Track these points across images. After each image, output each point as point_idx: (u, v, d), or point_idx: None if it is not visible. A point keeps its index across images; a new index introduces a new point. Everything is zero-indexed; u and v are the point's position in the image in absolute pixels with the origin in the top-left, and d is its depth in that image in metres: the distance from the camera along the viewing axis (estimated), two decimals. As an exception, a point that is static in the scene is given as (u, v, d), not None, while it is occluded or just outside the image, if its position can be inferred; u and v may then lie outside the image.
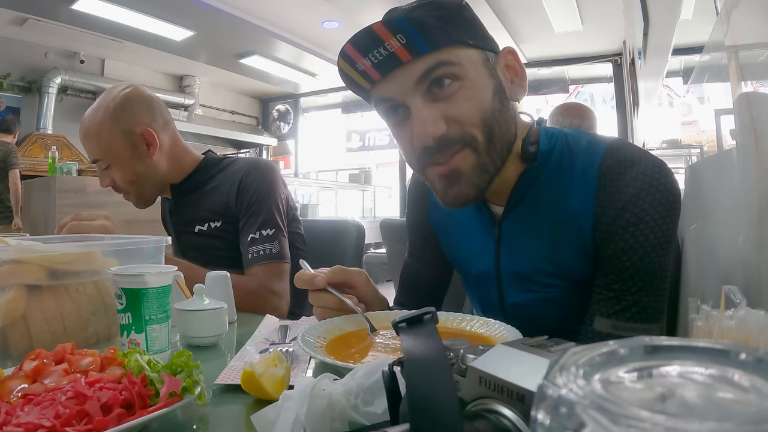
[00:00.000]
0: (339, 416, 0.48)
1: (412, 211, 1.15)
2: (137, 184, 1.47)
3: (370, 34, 0.74)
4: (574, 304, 0.90)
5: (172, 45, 5.97)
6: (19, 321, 0.79)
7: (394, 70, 0.78)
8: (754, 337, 0.51)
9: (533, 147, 0.87)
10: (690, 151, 5.98)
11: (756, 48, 1.31)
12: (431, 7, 0.80)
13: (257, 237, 1.40)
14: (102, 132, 1.40)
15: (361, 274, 0.98)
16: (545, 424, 0.22)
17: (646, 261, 0.80)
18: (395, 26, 0.72)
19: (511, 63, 0.86)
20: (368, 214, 8.53)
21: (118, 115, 1.41)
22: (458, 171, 0.81)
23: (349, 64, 0.79)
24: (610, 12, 4.95)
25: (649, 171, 0.81)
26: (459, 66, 0.78)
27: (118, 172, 1.44)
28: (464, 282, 1.11)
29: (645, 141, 6.02)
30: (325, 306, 0.91)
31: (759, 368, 0.22)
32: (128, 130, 1.41)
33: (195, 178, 1.53)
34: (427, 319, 0.48)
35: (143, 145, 1.43)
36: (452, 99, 0.79)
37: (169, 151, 1.50)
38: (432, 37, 0.75)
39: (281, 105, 8.95)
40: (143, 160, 1.44)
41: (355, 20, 5.32)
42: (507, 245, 0.93)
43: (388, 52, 0.75)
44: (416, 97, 0.79)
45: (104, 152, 1.42)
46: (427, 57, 0.76)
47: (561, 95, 7.40)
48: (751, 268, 1.01)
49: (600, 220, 0.83)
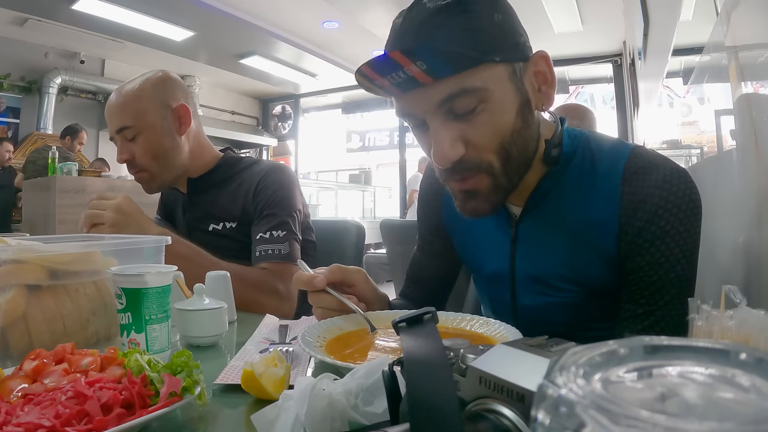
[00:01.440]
0: (339, 416, 0.48)
1: (424, 206, 1.14)
2: (159, 161, 1.44)
3: (388, 60, 0.70)
4: (587, 309, 0.89)
5: (173, 45, 5.97)
6: (19, 321, 0.79)
7: (413, 90, 0.76)
8: (754, 337, 0.51)
9: (556, 150, 0.85)
10: (690, 152, 5.98)
11: (756, 48, 1.31)
12: (458, 9, 0.74)
13: (267, 236, 1.39)
14: (141, 96, 1.41)
15: (359, 272, 0.97)
16: (545, 424, 0.22)
17: (672, 275, 0.80)
18: (414, 55, 0.69)
19: (542, 69, 0.82)
20: (368, 214, 8.53)
21: (158, 87, 1.44)
22: (475, 189, 0.81)
23: (366, 80, 0.76)
24: (610, 13, 4.95)
25: (675, 180, 0.80)
26: (483, 90, 0.75)
27: (145, 142, 1.41)
28: (475, 281, 1.10)
29: (645, 141, 6.02)
30: (325, 307, 0.91)
31: (759, 368, 0.22)
32: (165, 103, 1.43)
33: (214, 174, 1.52)
34: (427, 319, 0.48)
35: (176, 121, 1.45)
36: (473, 121, 0.77)
37: (194, 138, 1.50)
38: (455, 62, 0.72)
39: (281, 105, 8.95)
40: (172, 136, 1.44)
41: (355, 21, 5.33)
42: (523, 246, 0.93)
43: (407, 76, 0.72)
44: (436, 118, 0.77)
45: (138, 117, 1.40)
46: (450, 80, 0.73)
47: (561, 96, 7.39)
48: (751, 268, 1.01)
49: (625, 230, 0.82)
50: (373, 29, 5.58)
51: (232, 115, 8.53)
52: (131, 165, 1.45)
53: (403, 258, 3.33)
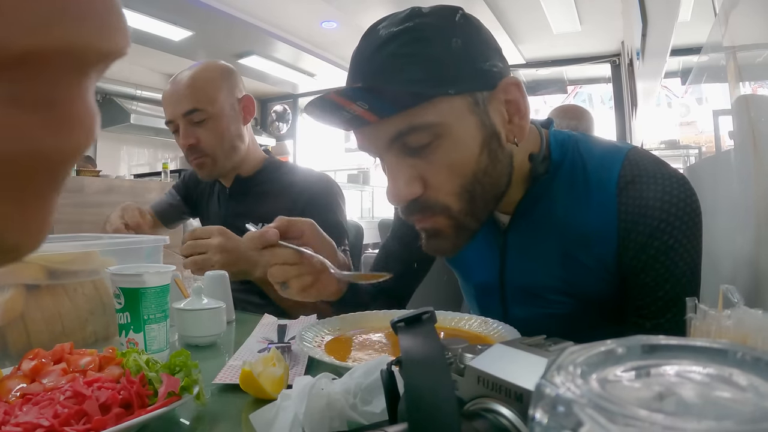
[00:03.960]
0: (338, 415, 0.48)
1: None
2: (224, 147, 1.43)
3: (329, 102, 0.67)
4: (582, 320, 0.85)
5: (171, 45, 5.96)
6: (18, 321, 0.79)
7: (362, 128, 0.73)
8: (752, 336, 0.51)
9: (543, 165, 0.81)
10: (688, 152, 5.98)
11: (754, 49, 1.31)
12: (411, 37, 0.69)
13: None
14: (213, 81, 1.42)
15: (306, 221, 0.92)
16: (543, 423, 0.22)
17: (678, 289, 0.77)
18: (352, 97, 0.66)
19: (514, 97, 0.74)
20: (366, 214, 8.51)
21: (227, 76, 1.46)
22: (437, 230, 0.76)
23: (316, 120, 0.73)
24: (609, 13, 4.95)
25: (674, 190, 0.77)
26: (437, 125, 0.69)
27: (213, 127, 1.41)
28: (463, 288, 1.06)
29: (643, 141, 6.02)
30: (284, 261, 0.84)
31: (756, 367, 0.22)
32: (232, 91, 1.46)
33: (262, 174, 1.53)
34: (425, 319, 0.48)
35: (241, 110, 1.47)
36: (430, 158, 0.71)
37: (249, 133, 1.52)
38: (398, 101, 0.67)
39: (280, 105, 8.94)
40: (237, 124, 1.46)
41: (353, 20, 5.32)
42: (513, 257, 0.88)
43: (352, 115, 0.69)
44: (389, 154, 0.73)
45: (209, 101, 1.40)
46: (396, 118, 0.69)
47: (559, 96, 7.40)
48: (749, 268, 1.01)
49: (626, 246, 0.78)
50: (372, 29, 5.57)
51: (231, 115, 8.52)
52: (193, 150, 1.42)
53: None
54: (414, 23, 0.70)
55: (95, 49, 0.17)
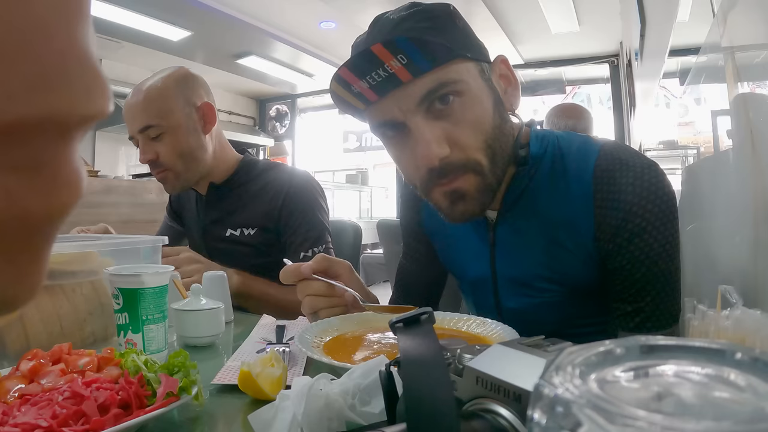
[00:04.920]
0: (336, 416, 0.48)
1: (406, 214, 1.13)
2: (184, 160, 1.39)
3: (368, 55, 0.70)
4: (573, 307, 0.90)
5: (170, 45, 5.96)
6: (16, 321, 0.79)
7: (392, 91, 0.75)
8: (750, 336, 0.51)
9: (523, 150, 0.85)
10: (686, 152, 5.99)
11: (752, 49, 1.31)
12: (423, 16, 0.77)
13: (310, 255, 1.35)
14: (166, 94, 1.36)
15: (344, 263, 0.96)
16: (542, 424, 0.22)
17: (655, 270, 0.80)
18: (396, 47, 0.69)
19: (504, 72, 0.85)
20: (365, 214, 8.52)
21: (182, 84, 1.39)
22: (462, 190, 0.79)
23: (343, 87, 0.76)
24: (607, 13, 4.95)
25: (646, 175, 0.80)
26: (461, 83, 0.76)
27: (170, 141, 1.37)
28: (460, 286, 1.10)
29: (642, 142, 6.03)
30: (314, 293, 0.90)
31: (755, 368, 0.22)
32: (189, 100, 1.40)
33: (236, 178, 1.49)
34: (424, 319, 0.48)
35: (200, 120, 1.41)
36: (454, 118, 0.77)
37: (217, 138, 1.47)
38: (433, 55, 0.73)
39: (278, 105, 8.93)
40: (197, 135, 1.40)
41: (352, 21, 5.32)
42: (502, 250, 0.92)
43: (387, 74, 0.72)
44: (417, 116, 0.76)
45: (163, 116, 1.35)
46: (428, 76, 0.74)
47: (558, 96, 7.40)
48: (747, 269, 1.01)
49: (602, 230, 0.82)
50: (371, 29, 5.57)
51: (229, 116, 8.51)
52: (154, 165, 1.40)
53: (400, 258, 3.32)
54: (421, 7, 0.78)
55: (78, 114, 0.17)
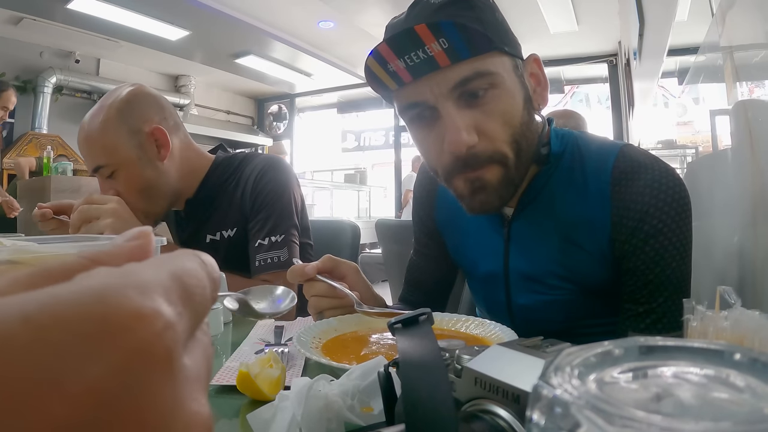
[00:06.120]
0: (335, 417, 0.48)
1: (418, 209, 1.13)
2: (145, 195, 1.29)
3: (411, 34, 0.71)
4: (583, 306, 0.90)
5: (168, 45, 5.96)
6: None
7: (428, 74, 0.76)
8: (749, 337, 0.51)
9: (545, 149, 0.86)
10: (685, 152, 6.01)
11: (751, 49, 1.32)
12: (465, 5, 0.77)
13: (265, 243, 1.31)
14: (106, 131, 1.24)
15: (350, 265, 0.97)
16: (540, 425, 0.22)
17: (668, 272, 0.81)
18: (440, 29, 0.70)
19: (536, 71, 0.86)
20: (363, 214, 8.52)
21: (124, 112, 1.25)
22: (485, 181, 0.80)
23: (379, 63, 0.76)
24: (606, 13, 4.96)
25: (663, 178, 0.81)
26: (496, 75, 0.77)
27: (124, 179, 1.26)
28: (469, 282, 1.10)
29: (640, 141, 6.04)
30: (318, 294, 0.91)
31: (753, 368, 0.22)
32: (136, 129, 1.26)
33: (208, 185, 1.40)
34: (422, 320, 0.48)
35: (153, 147, 1.28)
36: (485, 108, 0.77)
37: (180, 156, 1.34)
38: (474, 43, 0.73)
39: (277, 105, 8.94)
40: (153, 164, 1.28)
41: (351, 20, 5.33)
42: (517, 246, 0.93)
43: (426, 56, 0.73)
44: (449, 102, 0.77)
45: (108, 155, 1.25)
46: (465, 64, 0.74)
47: (557, 96, 7.41)
48: (746, 268, 1.01)
49: (618, 230, 0.83)
50: (369, 29, 5.58)
51: (228, 115, 8.52)
52: None
53: (398, 258, 3.33)
54: None
55: None
